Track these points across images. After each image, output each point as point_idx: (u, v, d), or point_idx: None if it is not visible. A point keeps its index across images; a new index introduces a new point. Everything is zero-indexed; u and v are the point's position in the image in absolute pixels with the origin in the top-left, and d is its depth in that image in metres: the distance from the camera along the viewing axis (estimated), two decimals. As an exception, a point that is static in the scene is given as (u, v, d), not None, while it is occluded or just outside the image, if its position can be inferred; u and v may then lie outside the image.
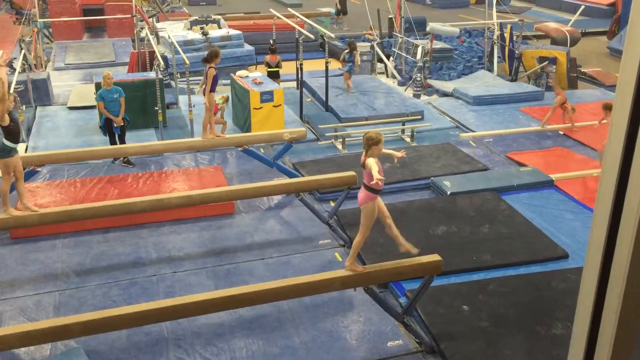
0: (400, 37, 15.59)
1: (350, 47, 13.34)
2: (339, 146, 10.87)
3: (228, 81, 12.53)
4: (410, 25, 15.57)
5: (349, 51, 13.25)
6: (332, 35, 13.20)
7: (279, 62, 13.05)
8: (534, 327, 5.96)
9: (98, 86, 10.39)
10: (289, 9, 15.47)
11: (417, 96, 13.56)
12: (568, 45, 15.75)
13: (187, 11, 22.98)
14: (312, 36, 13.03)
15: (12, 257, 7.29)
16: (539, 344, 5.77)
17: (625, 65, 1.68)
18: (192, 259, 7.28)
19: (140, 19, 15.78)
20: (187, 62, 11.08)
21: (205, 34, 16.11)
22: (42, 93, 12.69)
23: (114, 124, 9.70)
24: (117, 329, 5.53)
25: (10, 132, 6.57)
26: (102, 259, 7.27)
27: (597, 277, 1.83)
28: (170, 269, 7.09)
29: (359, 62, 14.02)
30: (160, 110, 10.63)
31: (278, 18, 14.10)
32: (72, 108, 12.45)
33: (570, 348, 2.01)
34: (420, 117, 11.99)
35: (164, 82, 12.15)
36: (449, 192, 8.71)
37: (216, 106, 9.13)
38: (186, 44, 15.22)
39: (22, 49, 12.95)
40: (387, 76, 15.43)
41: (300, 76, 12.63)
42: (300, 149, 10.49)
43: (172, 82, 13.42)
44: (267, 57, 13.19)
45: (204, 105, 8.94)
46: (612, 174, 1.73)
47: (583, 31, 18.78)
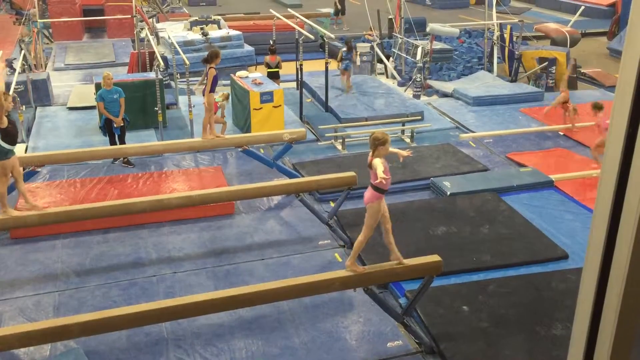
0: (400, 38, 15.59)
1: (347, 45, 13.44)
2: (339, 147, 10.88)
3: (228, 82, 12.54)
4: (410, 26, 15.58)
5: (346, 49, 13.34)
6: (332, 35, 13.22)
7: (278, 62, 13.06)
8: (533, 328, 5.96)
9: (98, 86, 10.39)
10: (288, 10, 15.47)
11: (417, 97, 13.57)
12: (568, 46, 15.76)
13: (187, 12, 22.98)
14: (312, 37, 13.04)
15: (12, 258, 7.29)
16: (539, 345, 5.77)
17: (624, 66, 1.68)
18: (192, 260, 7.28)
19: (140, 20, 15.78)
20: (187, 62, 11.09)
21: (205, 34, 16.12)
22: (42, 93, 12.69)
23: (114, 125, 9.70)
24: (116, 330, 5.53)
25: (8, 133, 6.57)
26: (101, 260, 7.27)
27: (596, 277, 1.83)
28: (170, 269, 7.09)
29: (358, 63, 14.04)
30: (160, 111, 10.64)
31: (278, 19, 14.10)
32: (72, 108, 12.45)
33: (569, 348, 2.01)
34: (420, 117, 11.99)
35: (164, 82, 12.15)
36: (448, 193, 8.71)
37: (215, 104, 9.14)
38: (186, 45, 15.23)
39: (22, 49, 12.95)
40: (387, 77, 15.44)
41: (300, 77, 12.63)
42: (300, 149, 10.50)
43: (172, 83, 13.43)
44: (267, 58, 13.20)
45: (203, 106, 8.95)
46: (611, 174, 1.74)
47: (583, 32, 18.78)
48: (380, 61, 15.82)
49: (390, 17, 17.66)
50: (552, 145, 10.78)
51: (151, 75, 11.78)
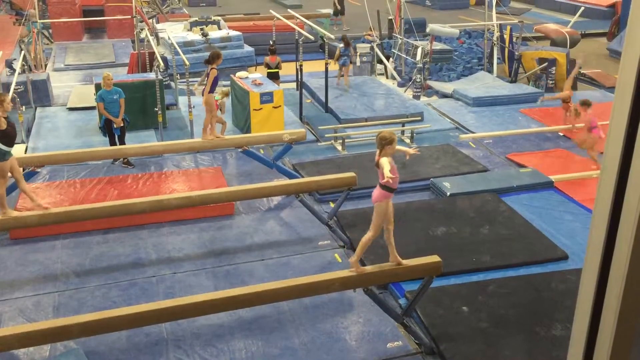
0: (400, 39, 15.59)
1: (345, 41, 13.49)
2: (339, 147, 10.88)
3: (228, 82, 12.54)
4: (410, 27, 15.58)
5: (344, 46, 13.39)
6: (332, 36, 13.23)
7: (278, 63, 13.06)
8: (533, 328, 5.96)
9: (98, 87, 10.39)
10: (288, 10, 15.49)
11: (416, 97, 13.57)
12: (568, 47, 15.76)
13: (187, 12, 22.99)
14: (311, 37, 13.05)
15: (12, 258, 7.28)
16: (539, 345, 5.77)
17: (624, 66, 1.68)
18: (192, 260, 7.28)
19: (140, 20, 15.78)
20: (187, 63, 11.10)
21: (205, 35, 16.12)
22: (41, 94, 12.69)
23: (114, 125, 9.70)
24: (116, 330, 5.53)
25: (7, 135, 6.57)
26: (101, 260, 7.27)
27: (596, 277, 1.83)
28: (169, 269, 7.08)
29: (358, 63, 14.05)
30: (160, 111, 10.64)
31: (278, 19, 14.11)
32: (71, 109, 12.45)
33: (569, 348, 2.01)
34: (420, 118, 11.99)
35: (164, 83, 12.15)
36: (448, 193, 8.71)
37: (216, 102, 9.13)
38: (186, 45, 15.23)
39: (21, 49, 12.95)
40: (387, 77, 15.44)
41: (300, 77, 12.63)
42: (300, 150, 10.50)
43: (172, 83, 13.43)
44: (267, 58, 13.21)
45: (203, 106, 8.95)
46: (611, 174, 1.74)
47: (583, 32, 18.78)
48: (380, 62, 15.83)
49: (390, 17, 17.66)
50: (552, 146, 10.78)
51: (151, 75, 11.78)
